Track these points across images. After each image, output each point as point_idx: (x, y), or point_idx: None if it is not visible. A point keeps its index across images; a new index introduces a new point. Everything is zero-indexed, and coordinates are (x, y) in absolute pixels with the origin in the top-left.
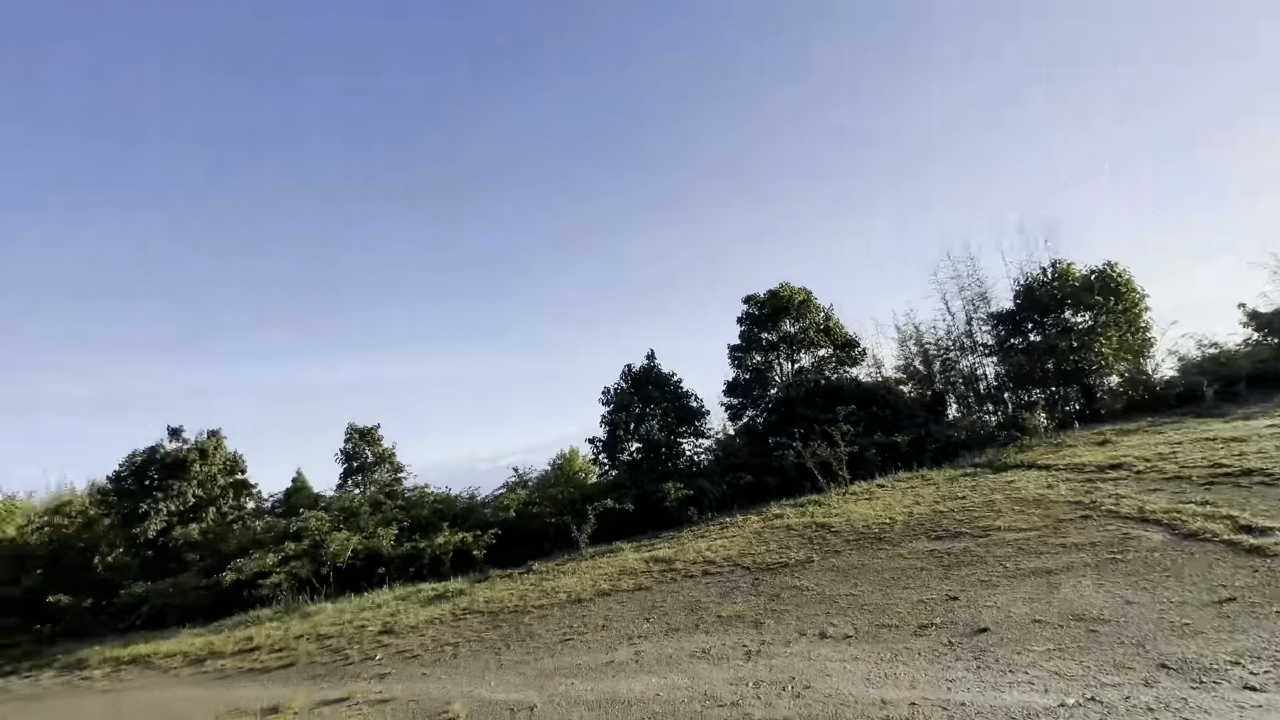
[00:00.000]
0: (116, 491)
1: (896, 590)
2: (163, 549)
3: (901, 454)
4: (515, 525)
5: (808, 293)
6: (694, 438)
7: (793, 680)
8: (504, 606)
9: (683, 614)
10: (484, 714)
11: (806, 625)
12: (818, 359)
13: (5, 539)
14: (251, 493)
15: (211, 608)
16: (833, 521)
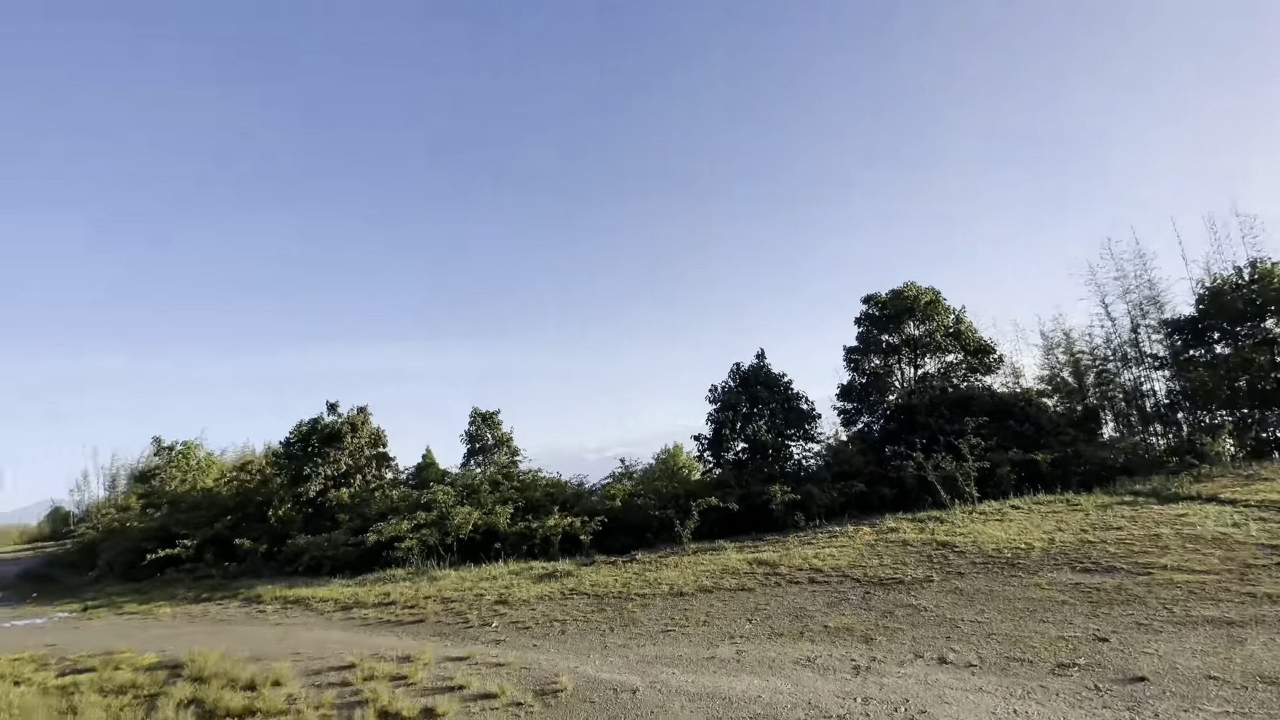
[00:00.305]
0: (286, 455)
1: (1031, 622)
2: (320, 508)
3: (1042, 474)
4: (620, 515)
5: (936, 293)
6: (803, 441)
7: (906, 703)
8: (608, 591)
9: (786, 619)
10: (589, 690)
11: (923, 647)
12: (945, 365)
13: (205, 488)
14: (390, 464)
15: (357, 563)
16: (956, 541)
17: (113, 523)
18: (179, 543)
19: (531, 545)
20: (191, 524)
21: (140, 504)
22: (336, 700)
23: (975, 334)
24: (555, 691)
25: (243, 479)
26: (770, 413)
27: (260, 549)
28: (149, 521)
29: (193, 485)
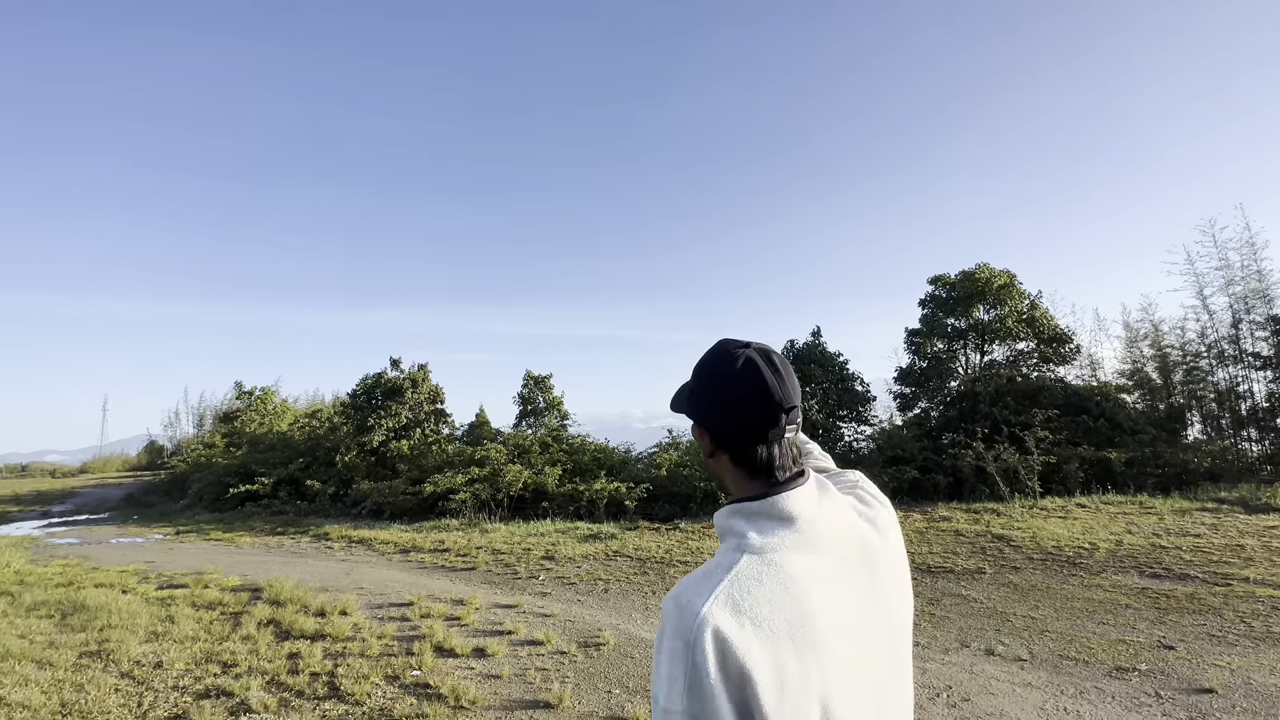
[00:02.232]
0: (352, 405)
1: (1089, 623)
2: (382, 457)
3: (1114, 474)
4: (665, 483)
5: (1010, 276)
6: (855, 423)
7: (949, 689)
8: (651, 556)
9: None
10: (630, 646)
11: (970, 637)
12: (1014, 353)
13: (280, 431)
14: (447, 420)
15: (414, 510)
16: (1014, 535)
17: (200, 457)
18: (257, 480)
19: (578, 506)
20: (268, 463)
21: (224, 442)
22: (397, 633)
23: (1051, 321)
24: (597, 645)
25: (313, 425)
26: (823, 392)
27: (328, 491)
28: (231, 459)
29: (269, 428)
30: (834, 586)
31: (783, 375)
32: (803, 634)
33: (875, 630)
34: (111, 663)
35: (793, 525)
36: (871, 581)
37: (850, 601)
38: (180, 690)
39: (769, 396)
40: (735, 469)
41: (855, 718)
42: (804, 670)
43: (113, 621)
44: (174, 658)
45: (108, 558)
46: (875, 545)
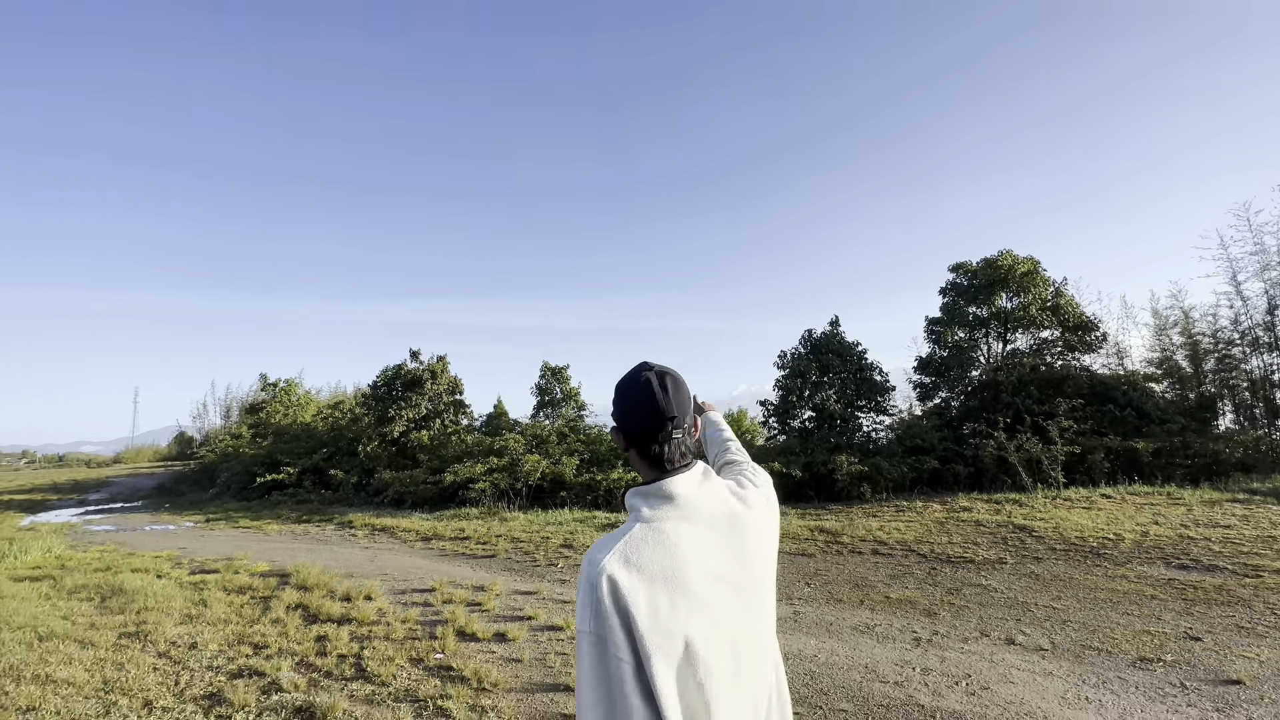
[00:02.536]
0: (373, 397)
1: (1113, 614)
2: (403, 447)
3: (1141, 464)
4: None
5: (1034, 263)
6: (874, 413)
7: (968, 677)
8: None
9: (847, 587)
10: None
11: (990, 627)
12: (1038, 341)
13: (304, 422)
14: (465, 411)
15: (435, 499)
16: (1036, 526)
17: (228, 448)
18: (283, 469)
19: (595, 496)
20: (293, 453)
21: (250, 433)
22: (420, 618)
23: (1077, 309)
24: None
25: (335, 416)
26: (841, 382)
27: (351, 480)
28: (258, 449)
29: (293, 419)
30: (704, 547)
31: (669, 394)
32: (675, 580)
33: (737, 579)
34: (149, 643)
35: (674, 502)
36: (736, 543)
37: (717, 557)
38: (215, 670)
39: (657, 409)
40: (640, 460)
41: (715, 643)
42: (673, 606)
43: (149, 604)
44: (208, 639)
45: (142, 544)
46: (741, 516)
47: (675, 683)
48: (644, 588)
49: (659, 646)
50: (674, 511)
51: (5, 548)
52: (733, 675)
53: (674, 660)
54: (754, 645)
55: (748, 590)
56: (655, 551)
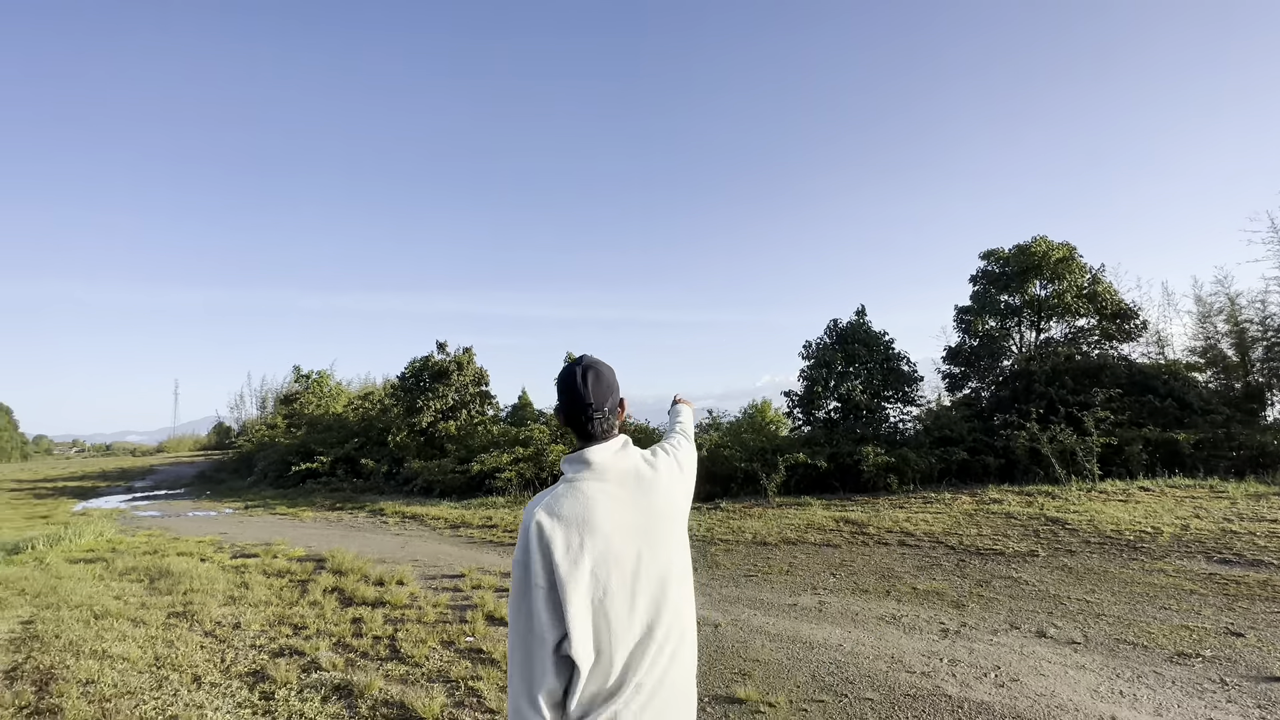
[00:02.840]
0: (401, 388)
1: (1149, 608)
2: (431, 437)
3: (1182, 456)
4: (704, 463)
5: (1070, 249)
6: (901, 404)
7: (997, 669)
8: (692, 534)
9: (873, 577)
10: None
11: (1020, 619)
12: (1073, 329)
13: (336, 413)
14: (491, 402)
15: (462, 488)
16: (1069, 518)
17: (264, 438)
18: (316, 458)
19: None
20: (326, 443)
21: (285, 423)
22: (450, 602)
23: (1114, 296)
24: None
25: (365, 407)
26: (868, 372)
27: (382, 469)
28: (292, 439)
29: (326, 410)
30: (613, 499)
31: (589, 386)
32: (586, 524)
33: (639, 526)
34: (196, 622)
35: (590, 466)
36: (642, 498)
37: (623, 508)
38: (257, 649)
39: (577, 397)
40: (573, 434)
41: (615, 572)
42: (583, 544)
43: (195, 586)
44: (250, 619)
45: (186, 529)
46: (647, 476)
47: (581, 599)
48: (561, 530)
49: (569, 574)
50: (590, 473)
51: (61, 531)
52: (629, 597)
53: (581, 582)
54: (652, 576)
55: (649, 533)
56: (572, 503)
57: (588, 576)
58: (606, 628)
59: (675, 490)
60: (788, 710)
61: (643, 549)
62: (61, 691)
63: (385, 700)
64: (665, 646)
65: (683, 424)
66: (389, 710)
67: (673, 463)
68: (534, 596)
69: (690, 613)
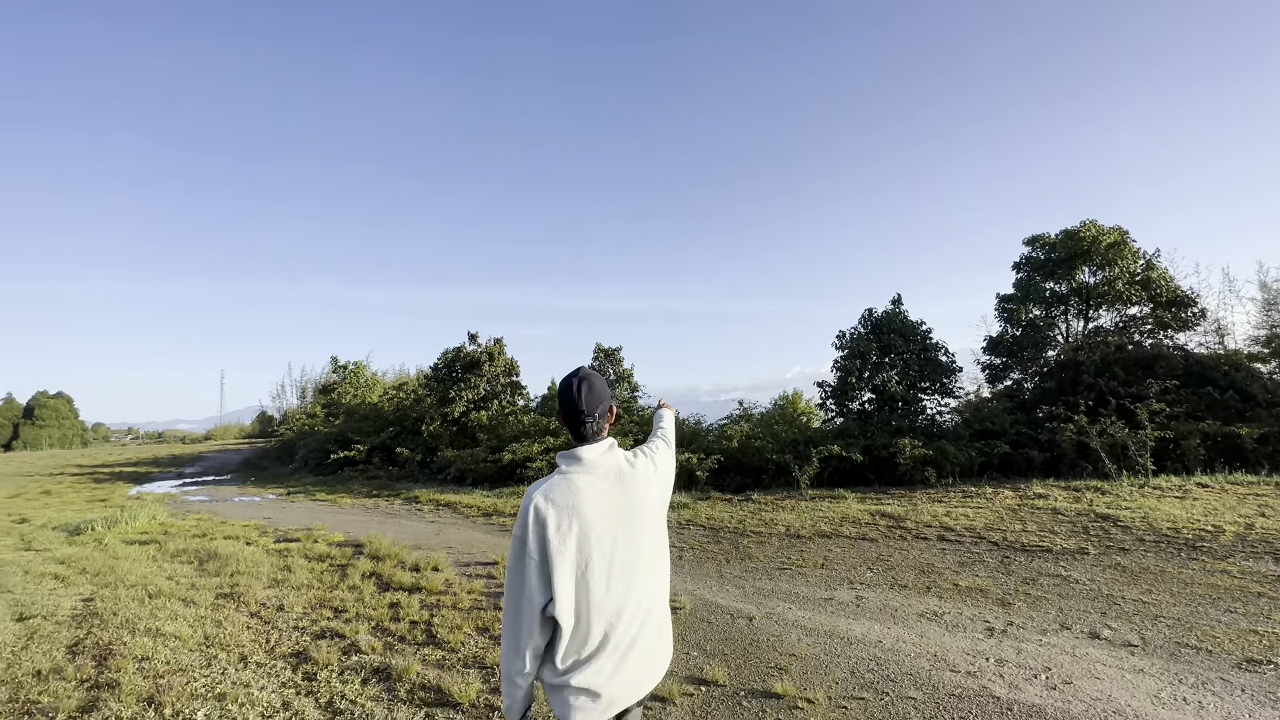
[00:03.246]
0: (434, 378)
1: (1213, 610)
2: (463, 426)
3: (1244, 451)
4: (736, 455)
5: (1121, 233)
6: (938, 395)
7: (1048, 670)
8: (724, 526)
9: (911, 573)
10: (706, 611)
11: (1072, 619)
12: (1124, 318)
13: (372, 402)
14: (522, 392)
15: (494, 477)
16: (1121, 515)
17: (304, 426)
18: (354, 447)
19: None
20: (362, 432)
21: (323, 412)
22: (484, 589)
23: (1170, 283)
24: (674, 609)
25: (400, 397)
26: (904, 362)
27: (416, 458)
28: (330, 428)
29: (362, 399)
30: (597, 490)
31: (583, 395)
32: (574, 510)
33: (617, 514)
34: (242, 603)
35: (581, 462)
36: (622, 491)
37: (606, 498)
38: (300, 630)
39: (573, 404)
40: (569, 433)
41: (596, 550)
42: (570, 525)
43: (241, 569)
44: (293, 602)
45: (232, 514)
46: (627, 473)
47: (566, 571)
48: (554, 513)
49: (558, 549)
50: (580, 468)
51: (118, 514)
52: (606, 572)
53: (567, 557)
54: (627, 557)
55: (626, 520)
56: (564, 491)
57: (573, 552)
58: (586, 597)
59: (650, 487)
60: (827, 707)
61: (619, 534)
62: (119, 667)
63: (423, 684)
64: (636, 616)
65: (664, 429)
66: (426, 694)
67: (650, 464)
68: (527, 566)
69: (661, 588)
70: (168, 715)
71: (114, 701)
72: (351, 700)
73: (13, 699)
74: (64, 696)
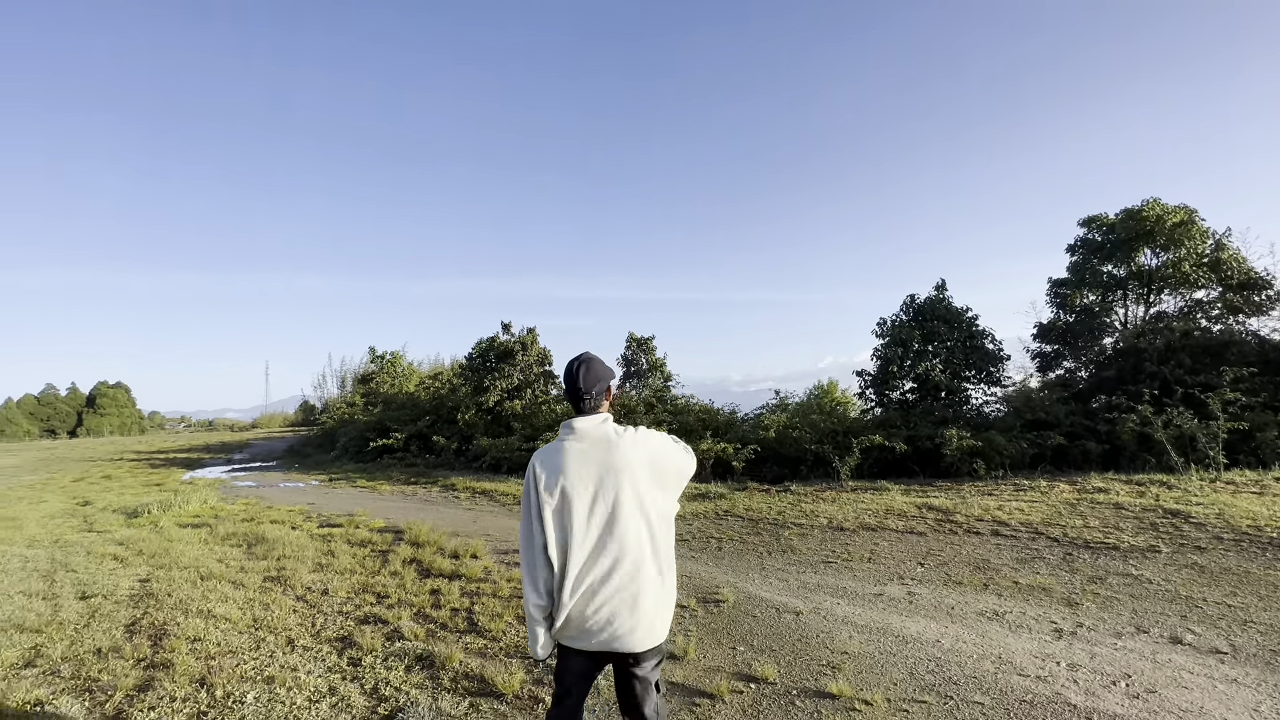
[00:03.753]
0: (469, 368)
1: None
2: (498, 415)
3: None
4: (773, 445)
5: (1189, 211)
6: (984, 385)
7: (1128, 678)
8: (763, 517)
9: (966, 569)
10: (750, 605)
11: (1148, 622)
12: (1190, 302)
13: (408, 391)
14: (555, 382)
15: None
16: (1193, 511)
17: (344, 415)
18: (392, 435)
19: None
20: (400, 420)
21: (362, 401)
22: None
23: (1243, 264)
24: (717, 601)
25: (436, 386)
26: (947, 350)
27: (452, 446)
28: (369, 416)
29: (399, 388)
30: (584, 454)
31: (580, 375)
32: (560, 467)
33: (597, 475)
34: (289, 587)
35: (574, 431)
36: (605, 456)
37: (587, 459)
38: (344, 615)
39: (574, 383)
40: (572, 407)
41: (575, 500)
42: (556, 481)
43: (287, 553)
44: (337, 586)
45: (278, 499)
46: (614, 441)
47: (552, 515)
48: (545, 472)
49: (546, 500)
50: (573, 436)
51: (172, 498)
52: (585, 522)
53: (553, 504)
54: (604, 509)
55: (605, 480)
56: (555, 454)
57: (557, 503)
58: (567, 540)
59: (633, 454)
60: (886, 710)
61: (598, 490)
62: (173, 647)
63: (466, 673)
64: (609, 560)
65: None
66: (470, 684)
67: (636, 437)
68: (530, 514)
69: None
70: (219, 697)
71: (168, 682)
72: (396, 687)
73: (75, 676)
74: (121, 675)
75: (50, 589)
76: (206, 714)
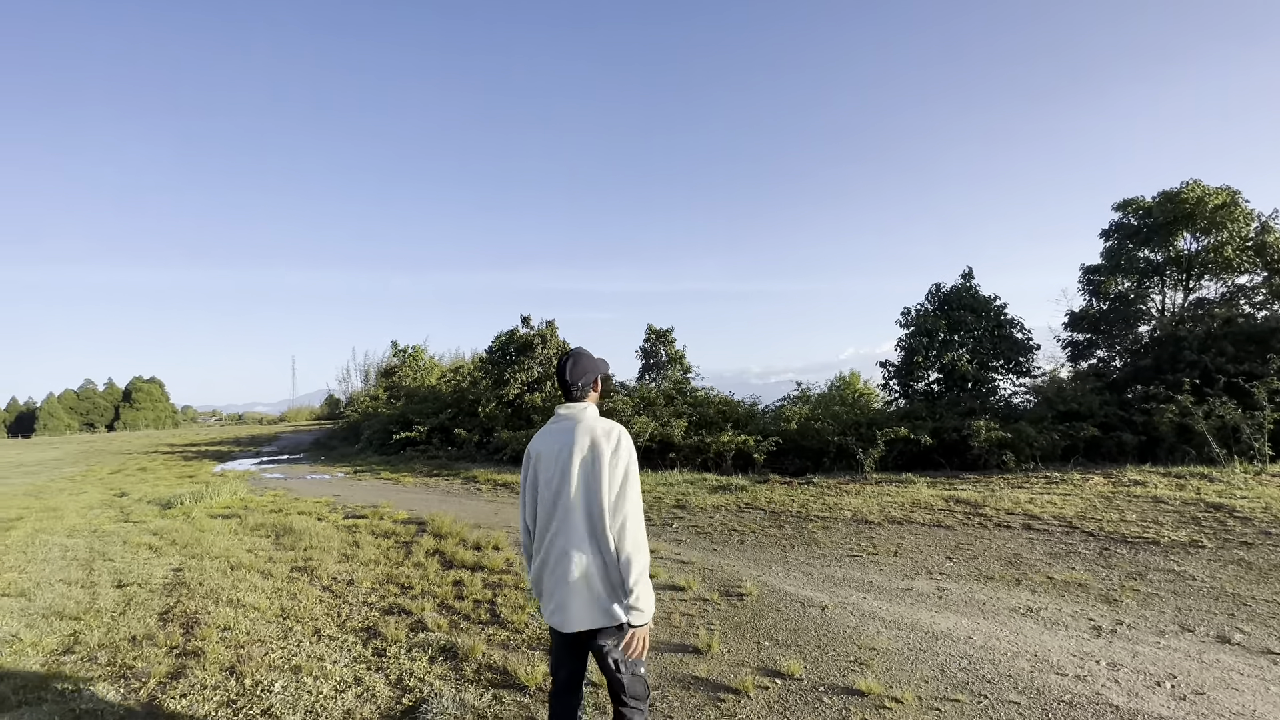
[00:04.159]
0: (489, 361)
1: None
2: (518, 408)
3: None
4: (794, 437)
5: (1232, 193)
6: (1013, 375)
7: (1173, 678)
8: (786, 510)
9: (997, 563)
10: (774, 599)
11: (1192, 620)
12: (1233, 288)
13: (430, 385)
14: None
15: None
16: (1236, 505)
17: (368, 408)
18: (414, 428)
19: (705, 458)
20: (422, 414)
21: (385, 395)
22: None
23: None
24: (740, 595)
25: (457, 380)
26: (975, 340)
27: (473, 439)
28: (392, 409)
29: (421, 382)
30: (556, 435)
31: (568, 367)
32: (541, 451)
33: (561, 456)
34: (315, 577)
35: (557, 417)
36: (570, 437)
37: (559, 443)
38: (369, 606)
39: (561, 374)
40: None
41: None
42: (536, 460)
43: (313, 543)
44: (362, 577)
45: (305, 490)
46: (584, 427)
47: (529, 489)
48: (530, 451)
49: (527, 474)
50: (555, 420)
51: (203, 490)
52: (551, 497)
53: (529, 479)
54: (558, 487)
55: (565, 461)
56: (543, 435)
57: (534, 476)
58: (535, 512)
59: (597, 444)
60: (917, 708)
61: (560, 470)
62: (204, 635)
63: (489, 665)
64: (556, 536)
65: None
66: (493, 675)
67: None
68: (523, 484)
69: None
70: (248, 685)
71: (199, 670)
72: (420, 678)
73: (111, 662)
74: (155, 662)
75: (88, 577)
76: (236, 702)
